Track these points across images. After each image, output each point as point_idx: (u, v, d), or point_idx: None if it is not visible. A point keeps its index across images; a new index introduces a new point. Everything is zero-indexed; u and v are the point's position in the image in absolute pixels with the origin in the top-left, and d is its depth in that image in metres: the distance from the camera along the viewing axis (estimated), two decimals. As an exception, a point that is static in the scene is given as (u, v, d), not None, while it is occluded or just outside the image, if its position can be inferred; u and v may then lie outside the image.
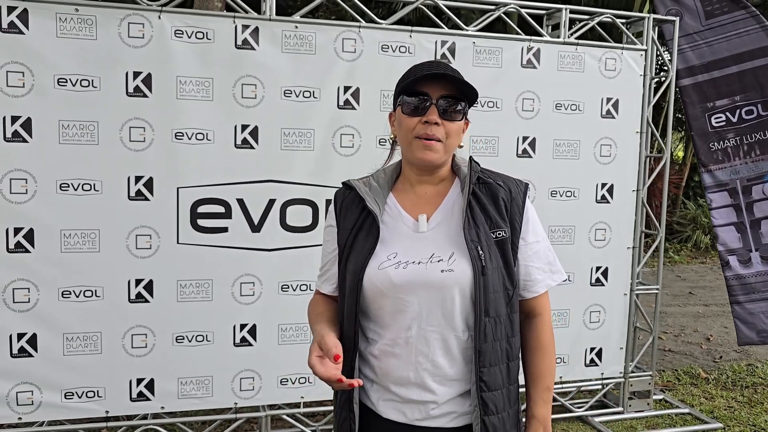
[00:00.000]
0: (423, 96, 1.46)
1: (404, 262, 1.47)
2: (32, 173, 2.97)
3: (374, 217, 1.51)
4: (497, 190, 1.54)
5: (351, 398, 1.52)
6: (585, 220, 3.81)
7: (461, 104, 1.49)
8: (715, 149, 4.32)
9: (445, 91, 1.47)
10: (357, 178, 1.61)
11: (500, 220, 1.51)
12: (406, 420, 1.50)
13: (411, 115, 1.48)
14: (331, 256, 1.60)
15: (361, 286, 1.47)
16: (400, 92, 1.51)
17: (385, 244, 1.50)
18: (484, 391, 1.47)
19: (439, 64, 1.50)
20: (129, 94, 3.04)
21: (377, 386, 1.53)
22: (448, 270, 1.45)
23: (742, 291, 4.30)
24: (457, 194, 1.55)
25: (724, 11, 4.20)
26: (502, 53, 3.53)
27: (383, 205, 1.55)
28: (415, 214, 1.53)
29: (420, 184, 1.56)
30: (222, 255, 3.23)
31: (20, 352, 3.04)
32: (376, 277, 1.47)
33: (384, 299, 1.48)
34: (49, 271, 3.03)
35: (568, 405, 4.02)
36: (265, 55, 3.19)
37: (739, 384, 4.71)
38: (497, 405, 1.49)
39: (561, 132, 3.69)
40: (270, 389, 3.38)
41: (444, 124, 1.47)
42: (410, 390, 1.49)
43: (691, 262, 9.77)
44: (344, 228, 1.56)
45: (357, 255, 1.50)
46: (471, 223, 1.48)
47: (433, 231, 1.51)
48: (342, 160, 3.34)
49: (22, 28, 2.89)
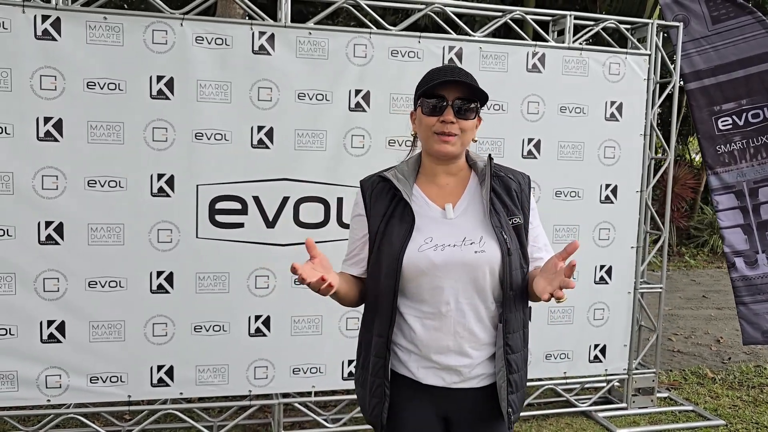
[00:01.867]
0: (440, 98, 1.70)
1: (441, 245, 1.68)
2: (63, 170, 3.17)
3: (406, 205, 1.71)
4: (509, 182, 1.79)
5: (385, 366, 1.72)
6: (589, 219, 3.91)
7: (474, 105, 1.72)
8: (721, 152, 4.39)
9: (460, 94, 1.70)
10: (384, 170, 1.82)
11: (515, 209, 1.76)
12: (444, 384, 1.73)
13: (430, 115, 1.72)
14: (360, 242, 1.80)
15: (401, 267, 1.67)
16: (420, 95, 1.74)
17: (419, 229, 1.70)
18: (509, 354, 1.73)
19: (454, 70, 1.72)
20: (152, 96, 3.23)
21: (416, 356, 1.73)
22: (480, 251, 1.68)
23: (748, 292, 4.36)
24: (475, 186, 1.79)
25: (731, 16, 4.28)
26: (508, 58, 3.67)
27: (410, 195, 1.75)
28: (439, 203, 1.75)
29: (441, 175, 1.78)
30: (238, 249, 3.40)
31: (50, 338, 3.24)
32: (417, 258, 1.67)
33: (423, 278, 1.69)
34: (77, 263, 3.22)
35: (572, 400, 4.13)
36: (281, 60, 3.37)
37: (746, 384, 4.77)
38: (518, 364, 1.76)
39: (565, 134, 3.81)
40: (283, 378, 3.54)
41: (459, 122, 1.70)
42: (449, 357, 1.71)
43: (707, 266, 9.76)
44: (375, 215, 1.76)
45: (393, 239, 1.70)
46: (493, 211, 1.72)
47: (460, 218, 1.74)
48: (353, 160, 3.50)
49: (55, 36, 3.10)
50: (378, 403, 1.73)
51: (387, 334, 1.72)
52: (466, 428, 1.77)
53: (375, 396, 1.74)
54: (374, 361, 1.75)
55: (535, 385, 4.06)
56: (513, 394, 1.74)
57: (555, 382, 4.08)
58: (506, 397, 1.72)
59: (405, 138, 3.55)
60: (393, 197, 1.74)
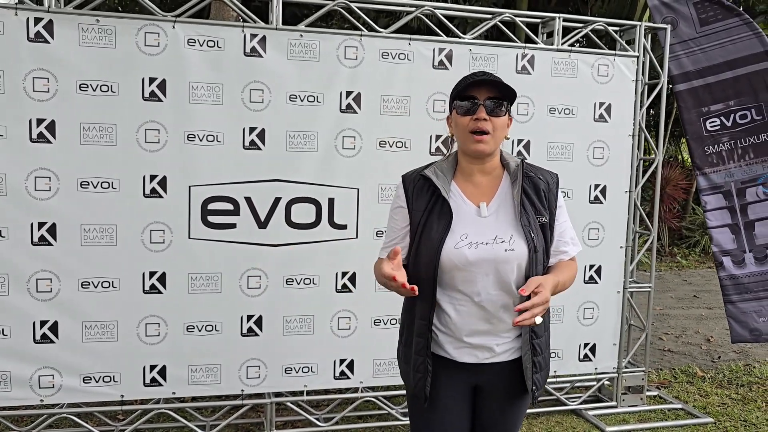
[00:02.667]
0: (473, 99, 1.87)
1: (475, 243, 1.87)
2: (55, 172, 3.19)
3: (445, 202, 1.89)
4: (538, 182, 1.96)
5: (427, 345, 1.93)
6: (579, 219, 3.95)
7: (504, 103, 1.89)
8: (710, 153, 4.44)
9: (490, 94, 1.87)
10: (424, 168, 1.99)
11: (542, 209, 1.94)
12: (477, 360, 1.94)
13: (464, 115, 1.88)
14: (402, 232, 1.98)
15: (439, 259, 1.86)
16: (454, 98, 1.91)
17: (455, 225, 1.88)
18: (534, 339, 1.95)
19: (484, 73, 1.92)
20: (145, 98, 3.26)
21: (451, 338, 1.94)
22: (510, 249, 1.87)
23: (736, 291, 4.41)
24: (508, 185, 1.96)
25: (719, 18, 4.33)
26: (498, 60, 3.71)
27: (448, 192, 1.92)
28: (475, 200, 1.93)
29: (476, 174, 1.95)
30: (230, 250, 3.43)
31: (43, 339, 3.26)
32: (453, 254, 1.86)
33: (457, 272, 1.88)
34: (70, 263, 3.25)
35: (562, 399, 4.16)
36: (272, 62, 3.40)
37: (735, 382, 4.82)
38: (541, 348, 1.98)
39: (555, 135, 3.85)
40: (275, 377, 3.56)
41: (491, 120, 1.86)
42: (481, 338, 1.92)
43: (699, 266, 9.82)
44: (416, 210, 1.93)
45: (432, 234, 1.88)
46: (523, 211, 1.90)
47: (492, 216, 1.91)
48: (344, 161, 3.53)
49: (47, 38, 3.13)
50: (422, 378, 1.94)
51: (429, 317, 1.92)
52: (493, 397, 2.00)
53: (419, 371, 1.95)
54: (417, 341, 1.96)
55: (526, 383, 4.09)
56: (537, 374, 1.96)
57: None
58: (531, 377, 1.94)
59: (395, 139, 3.59)
60: (433, 193, 1.92)
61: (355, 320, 3.62)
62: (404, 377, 2.05)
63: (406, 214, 1.96)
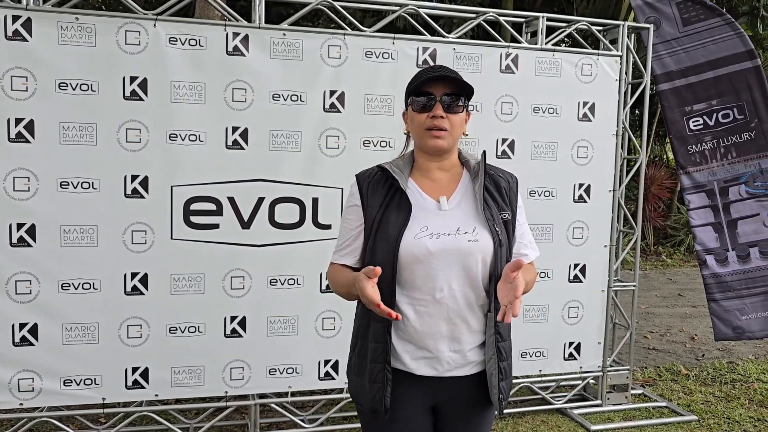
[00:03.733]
0: (429, 95, 1.79)
1: (436, 234, 1.75)
2: (34, 172, 3.15)
3: (403, 194, 1.78)
4: (499, 180, 1.89)
5: (386, 350, 1.77)
6: (563, 218, 3.96)
7: (461, 99, 1.81)
8: (693, 152, 4.47)
9: (447, 90, 1.79)
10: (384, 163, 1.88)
11: (504, 205, 1.86)
12: (437, 373, 1.78)
13: (420, 112, 1.80)
14: (355, 232, 1.85)
15: (398, 254, 1.73)
16: (409, 94, 1.83)
17: (415, 219, 1.77)
18: (500, 341, 1.81)
19: (441, 68, 1.82)
20: (126, 97, 3.22)
21: (409, 346, 1.79)
22: (473, 240, 1.76)
23: (719, 289, 4.44)
24: (468, 181, 1.87)
25: (701, 18, 4.37)
26: (482, 59, 3.71)
27: (405, 188, 1.81)
28: (434, 196, 1.83)
29: (434, 171, 1.85)
30: (213, 250, 3.40)
31: (22, 341, 3.21)
32: (413, 246, 1.74)
33: (418, 265, 1.75)
34: (50, 265, 3.20)
35: (548, 398, 4.17)
36: (255, 61, 3.37)
37: (719, 380, 4.85)
38: (506, 352, 1.84)
39: (539, 134, 3.86)
40: (259, 379, 3.54)
41: (448, 116, 1.78)
42: (443, 343, 1.77)
43: (684, 265, 9.90)
44: (372, 205, 1.82)
45: (390, 227, 1.76)
46: (485, 204, 1.81)
47: (454, 210, 1.81)
48: (328, 161, 3.51)
49: (25, 36, 3.08)
50: (380, 389, 1.77)
51: (386, 319, 1.75)
52: (454, 416, 1.85)
53: (376, 381, 1.78)
54: (373, 348, 1.79)
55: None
56: (503, 381, 1.82)
57: (531, 380, 4.12)
58: (497, 384, 1.80)
59: (380, 138, 3.58)
60: (390, 188, 1.81)
61: (339, 321, 3.60)
62: (356, 393, 1.86)
63: (360, 212, 1.84)
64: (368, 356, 1.80)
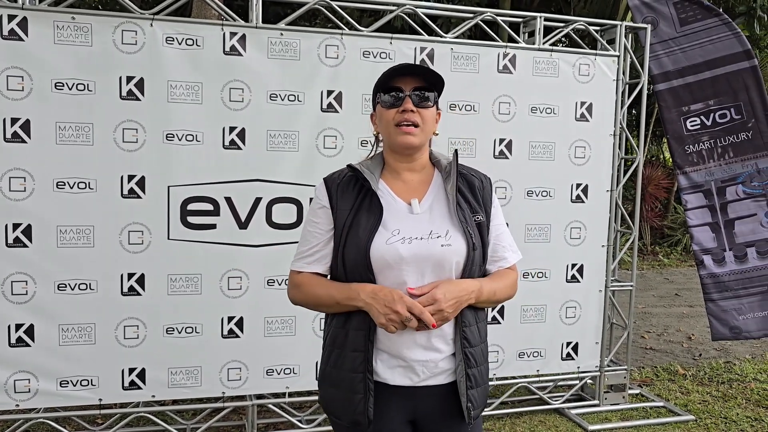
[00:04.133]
0: (398, 91, 1.71)
1: (408, 238, 1.67)
2: (30, 172, 3.13)
3: (374, 197, 1.70)
4: (473, 180, 1.81)
5: (367, 359, 1.68)
6: (560, 218, 3.96)
7: (432, 94, 1.73)
8: (690, 152, 4.47)
9: (417, 84, 1.71)
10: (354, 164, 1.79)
11: (478, 206, 1.78)
12: (411, 383, 1.70)
13: (389, 108, 1.72)
14: (325, 237, 1.74)
15: (369, 259, 1.65)
16: (377, 91, 1.75)
17: (386, 222, 1.69)
18: (467, 347, 1.72)
19: (410, 64, 1.74)
20: (122, 97, 3.21)
21: (384, 355, 1.71)
22: (446, 245, 1.68)
23: (716, 289, 4.44)
24: (440, 182, 1.80)
25: (698, 18, 4.36)
26: (479, 59, 3.70)
27: (377, 189, 1.73)
28: (405, 198, 1.75)
29: (405, 172, 1.78)
30: (210, 250, 3.39)
31: (18, 342, 3.20)
32: (385, 251, 1.65)
33: (389, 271, 1.66)
34: (46, 265, 3.19)
35: (545, 398, 4.17)
36: (252, 61, 3.36)
37: (716, 380, 4.86)
38: (476, 359, 1.74)
39: (536, 134, 3.85)
40: (256, 379, 3.52)
41: (419, 111, 1.71)
42: (416, 351, 1.69)
43: (681, 265, 9.92)
44: (342, 208, 1.72)
45: (361, 231, 1.67)
46: (458, 207, 1.73)
47: (426, 213, 1.73)
48: (325, 161, 3.50)
49: (21, 36, 3.07)
50: (362, 399, 1.68)
51: (368, 326, 1.67)
52: (433, 429, 1.76)
53: (357, 392, 1.68)
54: (353, 357, 1.70)
55: (509, 383, 4.10)
56: (473, 389, 1.72)
57: (528, 380, 4.12)
58: (465, 392, 1.70)
59: (377, 138, 3.56)
60: (360, 189, 1.73)
61: (337, 321, 3.59)
62: (332, 405, 1.75)
63: (329, 214, 1.73)
64: (346, 366, 1.71)
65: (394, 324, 1.60)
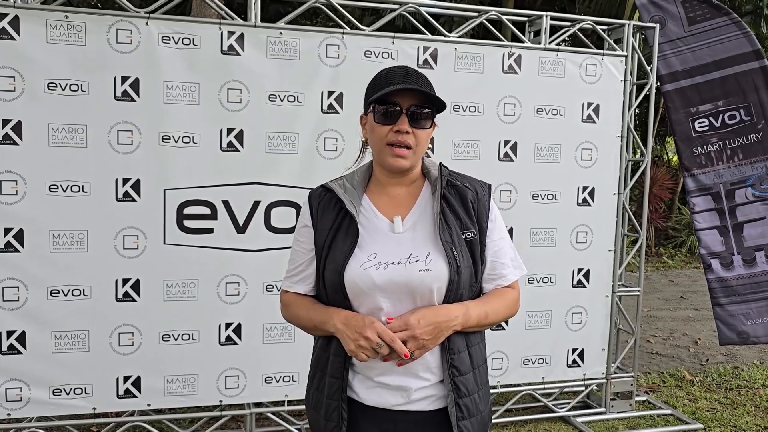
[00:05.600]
0: (393, 105, 1.55)
1: (384, 263, 1.55)
2: (22, 175, 3.05)
3: (352, 218, 1.58)
4: (465, 192, 1.65)
5: (342, 387, 1.60)
6: (566, 222, 3.87)
7: (429, 111, 1.58)
8: (698, 153, 4.38)
9: (415, 101, 1.56)
10: (332, 180, 1.69)
11: (469, 222, 1.62)
12: (389, 406, 1.59)
13: (383, 124, 1.57)
14: (308, 257, 1.65)
15: (343, 284, 1.55)
16: (371, 98, 1.59)
17: (364, 244, 1.58)
18: (456, 376, 1.59)
19: (409, 74, 1.58)
20: (117, 98, 3.12)
21: (360, 376, 1.61)
22: (425, 270, 1.55)
23: (724, 293, 4.35)
24: (428, 196, 1.65)
25: (707, 18, 4.27)
26: (484, 59, 3.61)
27: (359, 206, 1.62)
28: (389, 214, 1.62)
29: (392, 186, 1.65)
30: (208, 255, 3.30)
31: (9, 350, 3.11)
32: (358, 277, 1.55)
33: (364, 298, 1.56)
34: (39, 271, 3.10)
35: (550, 405, 4.08)
36: (251, 61, 3.27)
37: (724, 386, 4.77)
38: (468, 387, 1.60)
39: (542, 136, 3.76)
40: (255, 387, 3.44)
41: (414, 132, 1.56)
42: (395, 377, 1.58)
43: (686, 267, 9.82)
44: (322, 228, 1.62)
45: (336, 254, 1.57)
46: (444, 225, 1.59)
47: (409, 231, 1.61)
48: (326, 163, 3.41)
49: (13, 34, 2.98)
50: (335, 428, 1.60)
51: (344, 353, 1.58)
52: None
53: (331, 420, 1.60)
54: (330, 383, 1.62)
55: (513, 390, 4.01)
56: (464, 420, 1.59)
57: (533, 388, 4.03)
58: (456, 423, 1.58)
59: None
60: (340, 210, 1.62)
61: (337, 327, 3.50)
62: (312, 426, 1.70)
63: (311, 234, 1.64)
64: (325, 390, 1.63)
65: (364, 351, 1.51)
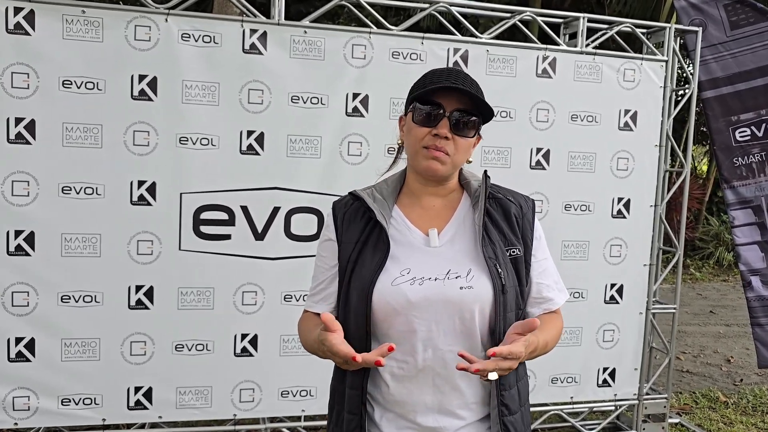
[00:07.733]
0: (436, 106, 1.41)
1: (420, 278, 1.40)
2: (34, 175, 2.94)
3: (382, 230, 1.43)
4: (508, 205, 1.50)
5: (362, 425, 1.44)
6: (600, 235, 3.68)
7: (475, 119, 1.44)
8: (739, 164, 4.17)
9: (460, 105, 1.42)
10: (360, 189, 1.53)
11: (514, 238, 1.48)
12: None
13: (421, 125, 1.42)
14: (330, 273, 1.50)
15: (371, 303, 1.39)
16: (413, 99, 1.45)
17: (396, 259, 1.42)
18: (506, 415, 1.43)
19: (458, 75, 1.44)
20: (134, 97, 3.00)
21: (391, 414, 1.44)
22: (467, 287, 1.39)
23: (764, 313, 4.13)
24: (467, 208, 1.51)
25: (750, 22, 4.07)
26: (517, 62, 3.44)
27: (389, 218, 1.47)
28: (423, 227, 1.47)
29: (426, 196, 1.50)
30: (224, 263, 3.17)
31: (18, 357, 3.00)
32: (389, 294, 1.39)
33: (396, 318, 1.40)
34: (49, 275, 2.99)
35: (578, 426, 3.89)
36: (273, 60, 3.14)
37: (760, 409, 4.54)
38: (516, 428, 1.45)
39: (576, 144, 3.58)
40: (270, 401, 3.30)
41: (454, 138, 1.41)
42: (427, 416, 1.42)
43: (713, 279, 9.54)
44: (347, 242, 1.47)
45: (364, 270, 1.42)
46: (487, 240, 1.44)
47: (446, 246, 1.45)
48: (349, 169, 3.27)
49: (28, 29, 2.87)
50: None
51: (361, 385, 1.43)
52: None
53: None
54: (348, 419, 1.45)
55: (540, 410, 3.82)
56: None
57: (561, 407, 3.83)
58: None
59: (405, 146, 3.32)
60: (369, 220, 1.46)
61: (358, 341, 3.36)
62: None
63: (335, 249, 1.48)
64: (343, 428, 1.47)
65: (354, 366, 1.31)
